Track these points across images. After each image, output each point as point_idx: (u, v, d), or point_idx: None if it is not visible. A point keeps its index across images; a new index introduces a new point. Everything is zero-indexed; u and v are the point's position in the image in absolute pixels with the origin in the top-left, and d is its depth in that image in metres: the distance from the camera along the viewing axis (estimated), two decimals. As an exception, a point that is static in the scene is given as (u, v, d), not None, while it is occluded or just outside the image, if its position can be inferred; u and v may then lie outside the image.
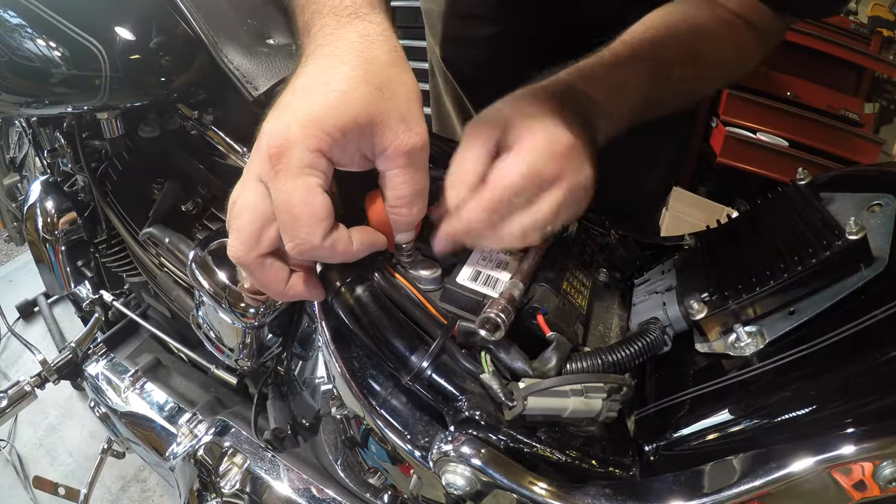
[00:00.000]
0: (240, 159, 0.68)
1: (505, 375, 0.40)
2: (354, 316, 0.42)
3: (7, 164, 1.21)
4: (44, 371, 0.93)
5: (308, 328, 0.58)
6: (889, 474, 0.30)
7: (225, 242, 0.39)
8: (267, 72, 0.62)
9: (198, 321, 0.65)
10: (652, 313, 0.48)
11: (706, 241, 0.53)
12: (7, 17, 0.54)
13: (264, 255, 0.38)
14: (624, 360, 0.42)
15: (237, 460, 0.65)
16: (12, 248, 2.04)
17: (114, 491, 1.30)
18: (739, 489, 0.32)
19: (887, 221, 0.39)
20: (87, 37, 0.56)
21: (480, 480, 0.36)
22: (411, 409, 0.43)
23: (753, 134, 1.93)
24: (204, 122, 0.72)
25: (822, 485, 0.31)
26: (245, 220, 0.37)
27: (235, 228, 0.38)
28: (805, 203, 0.45)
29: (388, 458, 0.49)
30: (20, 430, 1.44)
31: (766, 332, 0.40)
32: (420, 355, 0.39)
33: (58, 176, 0.88)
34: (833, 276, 0.38)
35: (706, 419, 0.38)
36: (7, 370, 1.61)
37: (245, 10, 0.67)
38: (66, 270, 0.91)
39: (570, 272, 0.49)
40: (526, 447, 0.38)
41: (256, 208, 0.37)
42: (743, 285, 0.41)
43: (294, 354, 0.62)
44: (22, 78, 0.57)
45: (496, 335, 0.39)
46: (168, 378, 0.87)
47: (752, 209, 0.53)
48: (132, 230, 0.75)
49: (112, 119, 0.71)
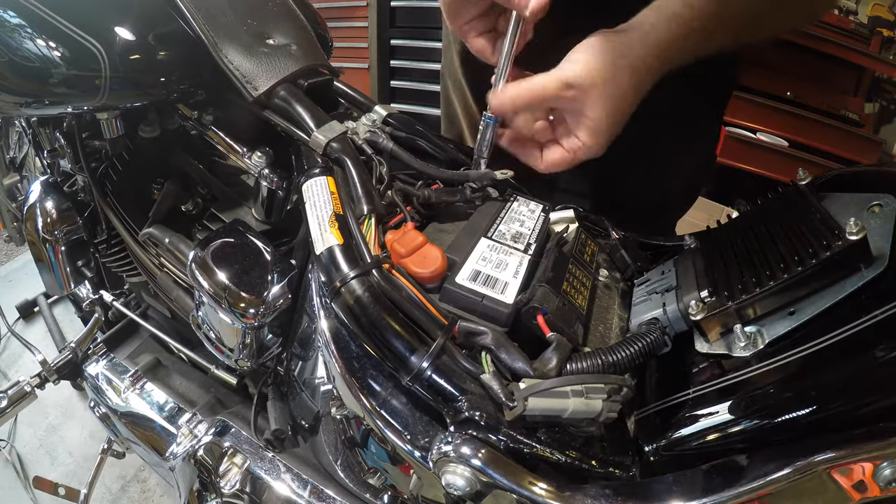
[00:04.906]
0: (240, 159, 0.68)
1: (505, 376, 0.40)
2: (354, 316, 0.42)
3: (7, 164, 1.20)
4: (44, 371, 0.92)
5: (308, 328, 0.58)
6: (889, 474, 0.30)
7: (225, 243, 0.39)
8: (267, 72, 0.62)
9: (198, 321, 0.65)
10: (652, 313, 0.48)
11: (706, 241, 0.53)
12: (7, 17, 0.54)
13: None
14: (624, 361, 0.42)
15: (237, 460, 0.64)
16: (12, 248, 2.04)
17: (114, 491, 1.30)
18: (739, 489, 0.32)
19: (887, 221, 0.39)
20: (87, 37, 0.56)
21: (480, 481, 0.36)
22: (411, 409, 0.43)
23: (753, 134, 1.93)
24: (204, 122, 0.72)
25: (821, 485, 0.31)
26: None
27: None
28: (805, 203, 0.45)
29: (388, 458, 0.49)
30: (20, 430, 1.44)
31: (766, 332, 0.40)
32: (420, 356, 0.39)
33: (58, 176, 0.87)
34: (833, 277, 0.38)
35: (706, 419, 0.38)
36: (7, 370, 1.61)
37: (245, 10, 0.67)
38: (66, 270, 0.91)
39: (570, 272, 0.49)
40: (526, 447, 0.38)
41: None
42: (743, 285, 0.41)
43: (294, 354, 0.61)
44: (22, 78, 0.56)
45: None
46: (168, 378, 0.87)
47: (752, 209, 0.53)
48: (132, 230, 0.75)
49: (112, 119, 0.71)
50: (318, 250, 0.47)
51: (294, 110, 0.60)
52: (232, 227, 0.61)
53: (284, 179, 0.66)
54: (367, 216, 0.49)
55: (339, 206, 0.50)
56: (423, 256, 0.46)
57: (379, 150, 0.61)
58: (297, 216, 0.67)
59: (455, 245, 0.49)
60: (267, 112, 0.62)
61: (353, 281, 0.43)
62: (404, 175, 0.60)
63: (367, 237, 0.47)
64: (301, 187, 0.54)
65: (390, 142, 0.61)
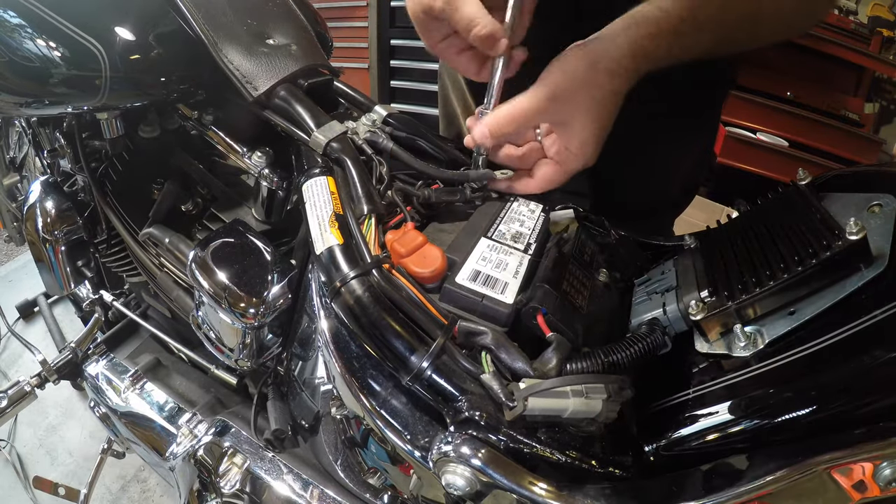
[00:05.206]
0: (240, 159, 0.68)
1: (505, 376, 0.40)
2: (354, 316, 0.42)
3: (7, 164, 1.20)
4: (44, 371, 0.93)
5: (308, 328, 0.58)
6: (889, 474, 0.30)
7: (225, 243, 0.39)
8: (267, 72, 0.62)
9: (198, 321, 0.65)
10: (652, 313, 0.48)
11: (706, 241, 0.53)
12: (7, 18, 0.54)
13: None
14: (624, 361, 0.42)
15: (237, 460, 0.64)
16: (12, 248, 2.04)
17: (114, 491, 1.30)
18: (739, 489, 0.32)
19: (887, 221, 0.39)
20: (87, 37, 0.56)
21: (480, 481, 0.36)
22: (411, 409, 0.43)
23: (753, 134, 1.93)
24: (204, 122, 0.72)
25: (822, 485, 0.31)
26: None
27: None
28: (805, 203, 0.45)
29: (388, 458, 0.49)
30: (20, 430, 1.44)
31: (766, 332, 0.40)
32: (420, 356, 0.39)
33: (58, 176, 0.88)
34: (833, 276, 0.38)
35: (706, 419, 0.38)
36: (7, 370, 1.61)
37: (245, 10, 0.67)
38: (66, 270, 0.91)
39: (570, 272, 0.49)
40: (526, 447, 0.38)
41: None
42: (743, 285, 0.41)
43: (294, 354, 0.61)
44: (22, 78, 0.56)
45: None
46: (168, 378, 0.87)
47: (752, 209, 0.53)
48: (132, 230, 0.75)
49: (112, 119, 0.71)
50: (318, 250, 0.47)
51: (294, 110, 0.60)
52: (232, 227, 0.61)
53: (284, 179, 0.66)
54: (367, 216, 0.49)
55: (339, 206, 0.50)
56: (423, 256, 0.46)
57: (379, 150, 0.61)
58: (297, 216, 0.67)
59: (455, 245, 0.49)
60: (267, 112, 0.62)
61: (353, 281, 0.43)
62: (404, 175, 0.60)
63: (367, 237, 0.47)
64: (301, 187, 0.54)
65: (390, 142, 0.61)
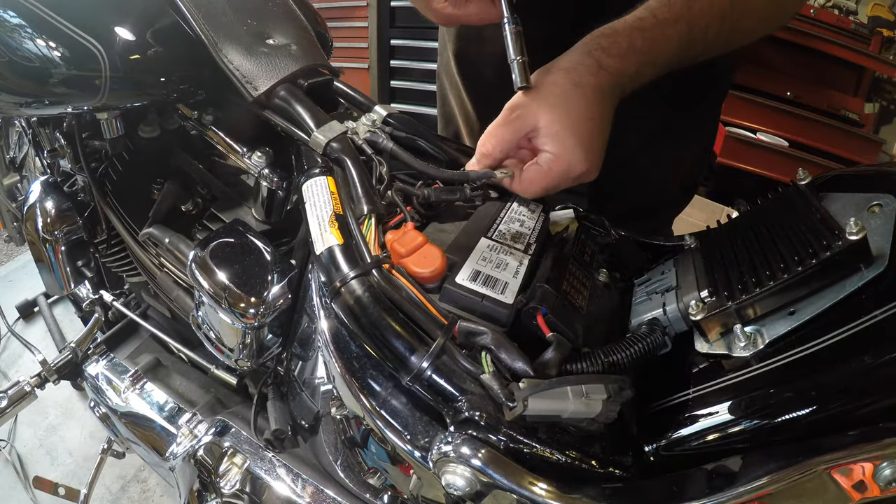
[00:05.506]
0: (239, 159, 0.68)
1: (505, 376, 0.40)
2: (354, 316, 0.42)
3: (7, 164, 1.20)
4: (44, 371, 0.93)
5: (308, 328, 0.58)
6: (889, 474, 0.30)
7: (225, 243, 0.39)
8: (267, 72, 0.62)
9: (198, 321, 0.65)
10: (652, 313, 0.48)
11: (706, 241, 0.53)
12: (7, 18, 0.54)
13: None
14: (624, 361, 0.42)
15: (237, 460, 0.64)
16: (12, 248, 2.04)
17: (114, 491, 1.30)
18: (739, 489, 0.32)
19: (887, 221, 0.39)
20: (87, 37, 0.56)
21: (480, 481, 0.36)
22: (411, 409, 0.43)
23: (753, 134, 1.93)
24: (204, 122, 0.72)
25: (822, 485, 0.31)
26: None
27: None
28: (805, 203, 0.45)
29: (388, 458, 0.49)
30: (20, 430, 1.44)
31: (766, 332, 0.40)
32: (420, 356, 0.39)
33: (58, 176, 0.88)
34: (833, 277, 0.38)
35: (706, 419, 0.38)
36: (7, 370, 1.61)
37: (245, 10, 0.67)
38: (66, 270, 0.91)
39: (570, 272, 0.49)
40: (526, 447, 0.38)
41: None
42: (743, 286, 0.41)
43: (294, 355, 0.61)
44: (22, 78, 0.56)
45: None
46: (168, 378, 0.87)
47: (752, 209, 0.53)
48: (132, 230, 0.75)
49: (112, 119, 0.71)
50: (318, 250, 0.47)
51: (294, 110, 0.60)
52: (232, 227, 0.61)
53: (284, 179, 0.66)
54: (367, 216, 0.49)
55: (339, 206, 0.50)
56: (423, 256, 0.46)
57: (379, 150, 0.61)
58: (297, 216, 0.67)
59: (455, 245, 0.49)
60: (267, 112, 0.62)
61: (353, 281, 0.43)
62: (404, 175, 0.60)
63: (367, 237, 0.47)
64: (301, 187, 0.54)
65: (390, 142, 0.61)
